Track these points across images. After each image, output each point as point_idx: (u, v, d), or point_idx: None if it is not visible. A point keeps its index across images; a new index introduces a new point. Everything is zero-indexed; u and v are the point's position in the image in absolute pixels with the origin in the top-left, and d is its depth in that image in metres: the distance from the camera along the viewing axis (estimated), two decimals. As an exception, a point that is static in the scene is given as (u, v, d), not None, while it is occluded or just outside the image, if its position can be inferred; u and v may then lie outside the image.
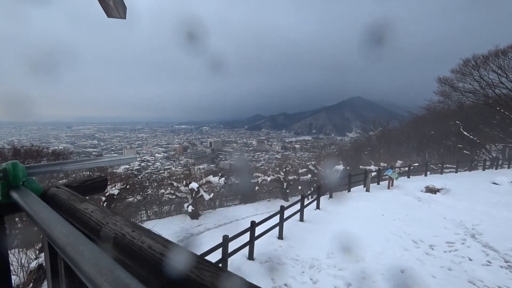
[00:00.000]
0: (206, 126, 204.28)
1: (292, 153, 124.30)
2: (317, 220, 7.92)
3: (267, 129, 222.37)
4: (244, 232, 5.39)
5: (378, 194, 10.54)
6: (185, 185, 15.27)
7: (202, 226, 14.27)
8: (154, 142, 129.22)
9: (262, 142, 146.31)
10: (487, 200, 9.44)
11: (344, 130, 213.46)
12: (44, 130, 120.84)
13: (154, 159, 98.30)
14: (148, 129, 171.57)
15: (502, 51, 23.85)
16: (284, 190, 19.50)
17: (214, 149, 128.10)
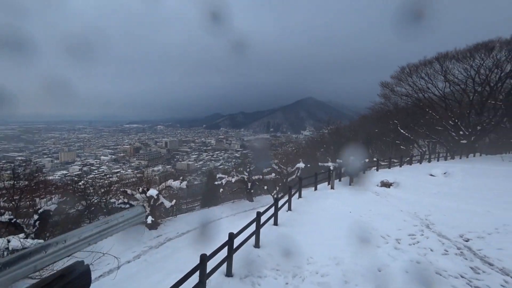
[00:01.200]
0: (161, 125, 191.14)
1: (251, 151, 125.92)
2: (291, 223, 7.79)
3: (226, 128, 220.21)
4: (222, 247, 4.81)
5: (342, 191, 11.09)
6: (141, 192, 13.62)
7: (162, 236, 12.93)
8: (99, 143, 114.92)
9: (221, 141, 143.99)
10: (430, 191, 10.79)
11: (299, 128, 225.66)
12: None
13: (100, 162, 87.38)
14: (91, 128, 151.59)
15: (428, 61, 28.10)
16: (249, 190, 19.25)
17: (170, 149, 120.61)
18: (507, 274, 4.88)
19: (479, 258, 5.50)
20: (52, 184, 18.13)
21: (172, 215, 15.91)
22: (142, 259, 10.52)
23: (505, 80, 25.08)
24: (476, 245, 6.09)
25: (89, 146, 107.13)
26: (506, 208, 8.52)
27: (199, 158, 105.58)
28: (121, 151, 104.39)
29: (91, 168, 78.72)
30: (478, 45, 24.43)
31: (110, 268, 8.96)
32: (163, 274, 8.17)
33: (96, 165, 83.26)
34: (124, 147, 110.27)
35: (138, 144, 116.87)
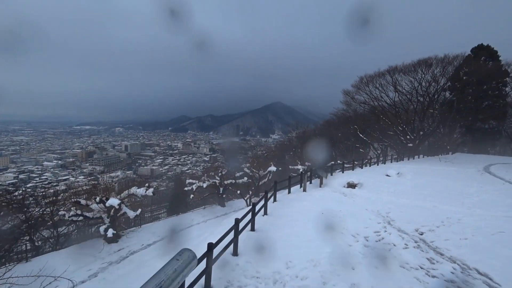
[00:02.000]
0: (120, 127, 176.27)
1: (221, 155, 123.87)
2: (268, 228, 7.80)
3: (194, 131, 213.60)
4: (201, 259, 4.54)
5: (314, 193, 11.55)
6: (98, 202, 12.24)
7: (124, 250, 11.78)
8: (41, 147, 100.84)
9: (188, 144, 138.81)
10: (387, 190, 11.93)
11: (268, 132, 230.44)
12: None
13: (42, 168, 76.64)
14: (31, 130, 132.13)
15: (381, 73, 31.35)
16: (221, 195, 18.84)
17: (131, 153, 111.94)
18: (454, 262, 5.60)
19: (432, 249, 6.22)
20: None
21: (135, 226, 14.63)
22: (100, 277, 9.40)
23: (440, 92, 29.35)
24: (428, 237, 6.88)
25: (27, 151, 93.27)
26: (447, 203, 9.87)
27: (165, 163, 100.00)
28: (71, 155, 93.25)
29: (30, 175, 68.59)
30: (420, 61, 28.20)
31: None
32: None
33: (37, 172, 72.84)
34: (74, 151, 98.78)
35: (91, 148, 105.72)
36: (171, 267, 1.21)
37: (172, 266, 1.21)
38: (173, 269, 1.17)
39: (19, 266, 7.95)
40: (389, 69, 30.17)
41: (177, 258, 1.41)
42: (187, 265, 1.25)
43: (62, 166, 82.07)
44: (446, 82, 28.50)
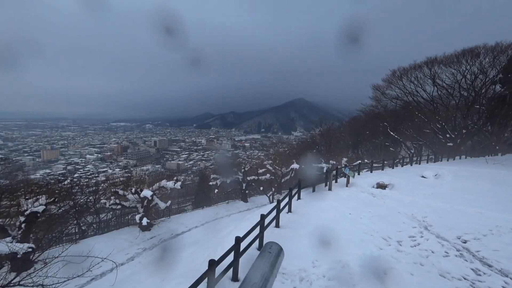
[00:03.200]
0: (150, 124, 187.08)
1: (242, 151, 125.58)
2: (293, 225, 7.73)
3: (217, 128, 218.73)
4: (229, 252, 4.67)
5: (340, 193, 11.16)
6: (134, 193, 13.17)
7: (156, 238, 12.56)
8: (84, 141, 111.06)
9: (211, 140, 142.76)
10: (424, 193, 11.07)
11: (289, 129, 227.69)
12: None
13: (85, 161, 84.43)
14: (76, 126, 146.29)
15: (418, 65, 28.97)
16: (244, 191, 19.11)
17: (160, 148, 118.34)
18: (506, 275, 5.03)
19: (478, 260, 5.65)
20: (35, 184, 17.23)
21: (164, 216, 15.49)
22: (136, 261, 10.17)
23: (488, 86, 26.26)
24: (473, 246, 6.26)
25: (73, 145, 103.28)
26: (496, 210, 8.86)
27: (190, 158, 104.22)
28: (108, 150, 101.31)
29: (76, 167, 75.92)
30: (465, 50, 25.44)
31: (103, 271, 8.58)
32: (159, 278, 7.91)
33: (81, 164, 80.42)
34: (111, 145, 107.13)
35: (126, 143, 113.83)
36: (267, 259, 1.25)
37: (268, 258, 1.25)
38: (269, 262, 1.21)
39: (71, 246, 8.87)
40: (427, 61, 27.72)
41: (269, 251, 1.44)
42: (278, 257, 1.28)
43: (101, 159, 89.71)
44: (496, 74, 25.33)
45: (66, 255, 5.07)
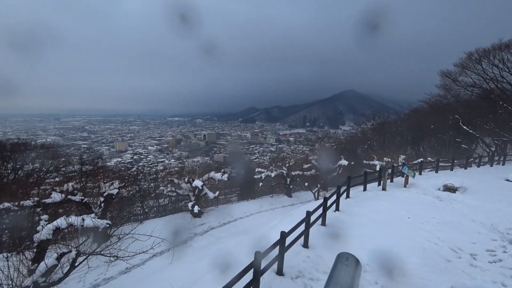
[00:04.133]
0: (200, 119, 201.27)
1: (286, 145, 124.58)
2: (340, 225, 7.33)
3: (261, 122, 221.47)
4: (274, 246, 4.70)
5: (396, 194, 10.06)
6: (186, 182, 14.46)
7: (205, 225, 13.57)
8: (146, 134, 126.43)
9: (256, 135, 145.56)
10: (509, 200, 9.10)
11: (337, 123, 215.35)
12: (31, 122, 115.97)
13: (147, 152, 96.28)
14: (140, 121, 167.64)
15: (505, 44, 23.56)
16: (288, 186, 18.98)
17: (208, 141, 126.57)
18: None
19: None
20: (110, 170, 20.58)
21: (213, 205, 16.58)
22: (188, 244, 11.19)
23: None
24: None
25: (138, 137, 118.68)
26: None
27: (236, 151, 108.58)
28: (165, 142, 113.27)
29: (140, 156, 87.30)
30: None
31: (162, 249, 9.72)
32: (209, 261, 8.54)
33: (144, 154, 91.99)
34: (168, 138, 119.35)
35: (179, 136, 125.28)
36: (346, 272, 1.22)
37: (346, 272, 1.22)
38: (350, 275, 1.17)
39: (138, 226, 10.30)
40: (520, 38, 22.35)
41: (346, 263, 1.41)
42: (356, 270, 1.23)
43: (160, 150, 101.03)
44: None
45: (134, 233, 5.91)
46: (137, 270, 8.09)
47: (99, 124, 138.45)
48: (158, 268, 8.06)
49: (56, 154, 18.15)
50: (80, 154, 23.02)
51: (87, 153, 24.72)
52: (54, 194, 8.90)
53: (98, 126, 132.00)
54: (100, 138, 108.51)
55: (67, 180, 13.24)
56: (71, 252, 5.05)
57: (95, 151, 41.93)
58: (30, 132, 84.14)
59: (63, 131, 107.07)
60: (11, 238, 11.25)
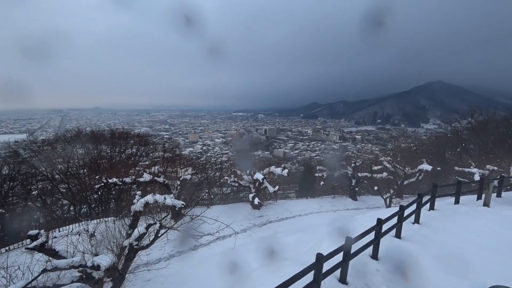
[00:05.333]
0: (262, 114, 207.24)
1: (352, 144, 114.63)
2: (420, 240, 6.22)
3: (324, 118, 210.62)
4: (338, 251, 4.36)
5: (506, 212, 7.80)
6: (248, 174, 15.14)
7: (264, 217, 13.93)
8: (214, 128, 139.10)
9: (318, 131, 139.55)
10: None
11: (417, 120, 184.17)
12: (131, 116, 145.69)
13: (214, 143, 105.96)
14: (209, 116, 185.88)
15: None
16: (352, 188, 17.46)
17: (269, 136, 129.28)
18: None
19: None
20: (184, 158, 23.57)
21: (272, 199, 16.86)
22: (247, 234, 11.74)
23: None
24: None
25: (207, 130, 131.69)
26: None
27: (295, 147, 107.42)
28: (229, 135, 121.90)
29: (208, 148, 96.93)
30: None
31: (224, 235, 10.52)
32: (266, 253, 8.73)
33: (211, 146, 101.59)
34: (232, 132, 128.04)
35: (242, 130, 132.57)
36: None
37: None
38: None
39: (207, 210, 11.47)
40: None
41: None
42: None
43: (225, 143, 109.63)
44: None
45: (203, 215, 6.58)
46: (203, 249, 9.02)
47: (178, 118, 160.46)
48: (222, 251, 8.76)
49: (147, 142, 22.00)
50: (163, 143, 27.20)
51: (168, 143, 29.12)
52: (145, 174, 10.81)
53: (176, 120, 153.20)
54: (177, 130, 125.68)
55: (153, 164, 15.80)
56: (156, 224, 6.01)
57: (174, 141, 49.14)
58: (130, 123, 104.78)
59: (151, 124, 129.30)
60: (116, 206, 14.31)
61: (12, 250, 7.82)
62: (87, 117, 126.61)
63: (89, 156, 18.43)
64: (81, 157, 18.50)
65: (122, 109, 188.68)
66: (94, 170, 16.66)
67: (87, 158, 18.40)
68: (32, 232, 5.13)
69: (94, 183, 12.41)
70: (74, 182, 17.09)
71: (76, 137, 19.97)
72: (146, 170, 12.27)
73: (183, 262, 7.78)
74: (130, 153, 19.91)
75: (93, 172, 16.22)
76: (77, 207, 16.28)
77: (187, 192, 13.80)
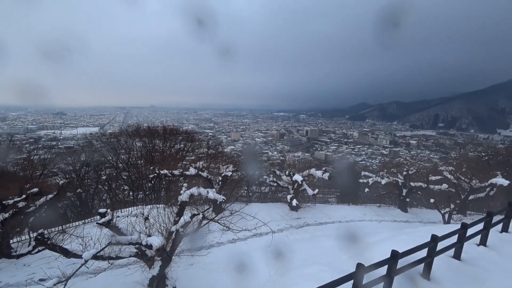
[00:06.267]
0: (304, 114, 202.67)
1: (404, 149, 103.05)
2: (485, 264, 5.31)
3: (373, 120, 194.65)
4: (382, 264, 4.05)
5: None
6: (287, 175, 15.04)
7: (301, 219, 13.67)
8: (255, 127, 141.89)
9: (365, 134, 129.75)
10: None
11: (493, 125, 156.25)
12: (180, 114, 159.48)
13: (254, 142, 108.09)
14: (251, 115, 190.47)
15: None
16: (403, 198, 15.78)
17: (310, 138, 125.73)
18: None
19: None
20: (226, 155, 24.68)
21: (310, 202, 16.43)
22: (284, 234, 11.69)
23: None
24: None
25: (248, 129, 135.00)
26: None
27: (338, 150, 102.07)
28: (270, 135, 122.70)
29: (249, 146, 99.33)
30: None
31: (261, 232, 10.72)
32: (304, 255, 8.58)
33: (252, 145, 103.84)
34: (272, 132, 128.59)
35: (283, 131, 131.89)
36: None
37: None
38: None
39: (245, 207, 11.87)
40: None
41: None
42: None
43: (265, 142, 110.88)
44: None
45: (242, 211, 6.86)
46: (241, 243, 9.35)
47: (221, 117, 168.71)
48: (258, 247, 8.95)
49: (193, 138, 23.77)
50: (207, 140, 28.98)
51: (211, 140, 30.97)
52: (191, 168, 11.73)
53: (220, 118, 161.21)
54: (221, 128, 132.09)
55: (198, 159, 16.98)
56: (199, 215, 6.51)
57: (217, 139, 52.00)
58: (179, 121, 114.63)
59: (198, 121, 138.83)
60: (166, 195, 15.85)
61: (87, 223, 9.41)
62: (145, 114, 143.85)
63: (145, 148, 20.88)
64: (139, 149, 21.11)
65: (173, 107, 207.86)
66: (149, 161, 18.82)
67: (143, 150, 20.89)
68: (102, 210, 6.11)
69: (148, 173, 14.03)
70: (133, 171, 19.59)
71: (135, 132, 22.76)
72: (192, 164, 13.29)
73: (222, 253, 8.22)
74: (178, 148, 21.82)
75: (148, 163, 18.35)
76: (134, 192, 18.64)
77: (227, 188, 14.44)
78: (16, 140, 21.39)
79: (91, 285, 6.17)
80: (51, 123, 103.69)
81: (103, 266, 6.08)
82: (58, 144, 28.00)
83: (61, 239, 6.35)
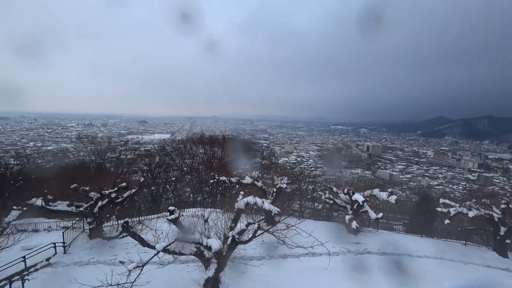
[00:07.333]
0: (365, 128, 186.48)
1: (500, 176, 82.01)
2: None
3: (454, 137, 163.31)
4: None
5: None
6: (345, 193, 13.90)
7: (361, 246, 12.26)
8: (310, 140, 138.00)
9: (443, 153, 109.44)
10: None
11: None
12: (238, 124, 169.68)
13: (308, 156, 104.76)
14: (306, 128, 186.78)
15: None
16: (501, 239, 12.40)
17: (372, 154, 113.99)
18: None
19: None
20: (280, 167, 24.61)
21: (372, 227, 14.65)
22: (339, 258, 10.66)
23: None
24: None
25: (303, 142, 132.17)
26: None
27: (407, 170, 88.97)
28: (326, 149, 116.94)
29: (302, 159, 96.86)
30: None
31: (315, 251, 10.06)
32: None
33: (305, 158, 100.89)
34: (329, 146, 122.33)
35: (340, 145, 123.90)
36: None
37: None
38: None
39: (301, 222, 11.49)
40: None
41: None
42: None
43: (320, 156, 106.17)
44: None
45: (297, 227, 6.63)
46: (293, 260, 8.99)
47: (276, 128, 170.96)
48: (311, 268, 8.44)
49: (249, 148, 24.76)
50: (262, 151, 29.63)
51: (266, 151, 31.55)
52: (247, 177, 12.15)
53: (275, 130, 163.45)
54: (275, 139, 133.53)
55: (253, 169, 17.45)
56: (254, 224, 6.60)
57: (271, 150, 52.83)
58: (236, 131, 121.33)
59: (253, 132, 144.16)
60: (221, 201, 16.78)
61: (159, 217, 10.77)
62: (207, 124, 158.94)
63: (206, 155, 22.87)
64: (200, 156, 23.28)
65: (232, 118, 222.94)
66: (209, 167, 20.47)
67: (205, 157, 22.90)
68: (171, 208, 6.88)
69: (208, 178, 15.22)
70: (195, 175, 21.62)
71: (199, 140, 25.19)
72: (247, 173, 13.76)
73: (272, 267, 8.08)
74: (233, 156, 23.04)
75: (208, 169, 19.98)
76: (194, 195, 20.45)
77: (280, 200, 14.29)
78: (111, 142, 26.86)
79: (158, 274, 6.93)
80: (136, 129, 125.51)
81: (168, 259, 6.79)
82: (140, 147, 33.99)
83: (140, 229, 7.42)
